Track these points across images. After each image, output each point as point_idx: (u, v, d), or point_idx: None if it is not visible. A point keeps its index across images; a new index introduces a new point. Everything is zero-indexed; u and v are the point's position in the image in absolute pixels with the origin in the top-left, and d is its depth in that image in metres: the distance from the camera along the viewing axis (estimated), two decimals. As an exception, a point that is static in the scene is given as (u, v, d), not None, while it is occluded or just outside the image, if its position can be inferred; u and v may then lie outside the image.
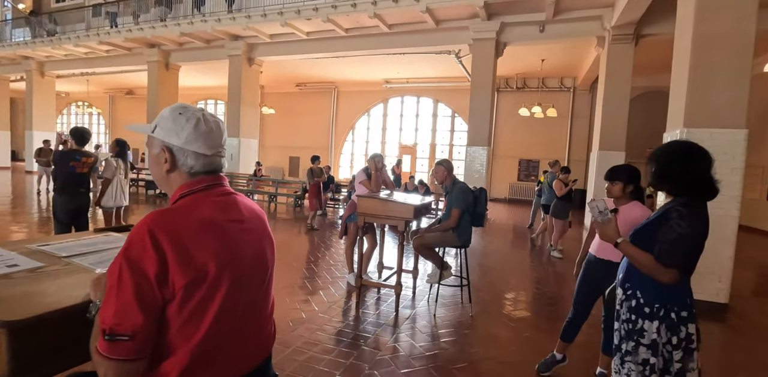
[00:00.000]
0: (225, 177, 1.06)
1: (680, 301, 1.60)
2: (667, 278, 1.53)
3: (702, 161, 1.59)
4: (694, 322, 1.60)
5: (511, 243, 7.69)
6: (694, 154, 1.61)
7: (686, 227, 1.51)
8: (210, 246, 0.87)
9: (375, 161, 4.19)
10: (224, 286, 0.88)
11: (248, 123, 12.75)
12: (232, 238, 0.93)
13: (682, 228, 1.52)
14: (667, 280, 1.53)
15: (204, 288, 0.85)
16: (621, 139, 8.49)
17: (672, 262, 1.53)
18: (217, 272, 0.87)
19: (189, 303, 0.84)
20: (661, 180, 1.65)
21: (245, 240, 0.97)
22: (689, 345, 1.60)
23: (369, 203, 3.67)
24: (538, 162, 14.64)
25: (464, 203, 3.59)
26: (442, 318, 3.67)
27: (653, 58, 9.73)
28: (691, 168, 1.59)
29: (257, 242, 1.02)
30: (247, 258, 0.96)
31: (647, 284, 1.63)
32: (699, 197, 1.60)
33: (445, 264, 3.76)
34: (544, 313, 3.96)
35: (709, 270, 4.08)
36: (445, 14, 9.47)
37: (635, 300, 1.66)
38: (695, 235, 1.53)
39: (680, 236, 1.51)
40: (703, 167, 1.58)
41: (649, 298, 1.63)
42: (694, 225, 1.53)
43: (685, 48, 4.19)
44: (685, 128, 4.12)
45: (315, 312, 3.64)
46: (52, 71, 16.74)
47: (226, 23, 11.12)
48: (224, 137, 1.05)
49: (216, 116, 1.06)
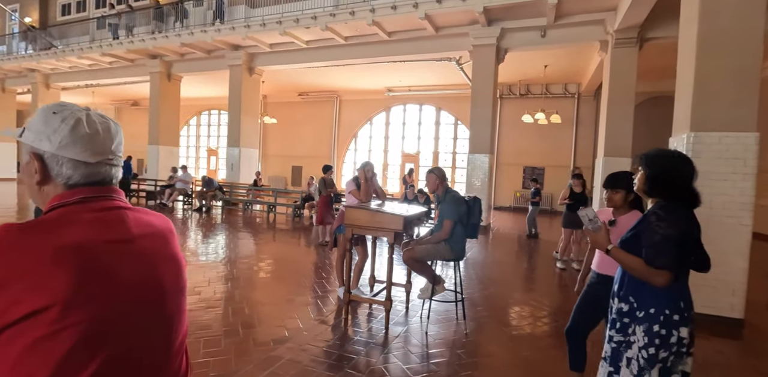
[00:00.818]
0: (118, 190, 0.88)
1: (673, 304, 1.56)
2: (661, 280, 1.52)
3: (693, 169, 1.63)
4: (687, 326, 1.55)
5: (514, 254, 7.43)
6: (688, 161, 1.64)
7: (666, 228, 1.53)
8: (58, 283, 0.69)
9: (365, 169, 4.01)
10: (78, 326, 0.70)
11: (249, 133, 12.69)
12: (104, 265, 0.75)
13: (662, 229, 1.53)
14: (662, 282, 1.52)
15: (43, 328, 0.67)
16: (627, 145, 8.25)
17: (661, 264, 1.52)
18: (63, 312, 0.68)
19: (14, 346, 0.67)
20: (657, 186, 1.65)
21: (128, 265, 0.79)
22: (681, 350, 1.55)
23: (356, 213, 3.48)
24: (543, 170, 14.38)
25: (457, 214, 3.39)
26: (435, 336, 3.44)
27: (658, 63, 9.52)
28: (689, 175, 1.62)
29: (148, 266, 0.83)
30: (127, 288, 0.78)
31: (641, 287, 1.62)
32: (686, 205, 1.61)
33: (437, 278, 3.54)
34: (544, 330, 3.71)
35: (721, 283, 3.82)
36: (444, 21, 9.37)
37: (628, 304, 1.66)
38: (677, 234, 1.53)
39: (663, 238, 1.53)
40: (693, 175, 1.62)
41: (642, 302, 1.61)
42: (673, 225, 1.54)
43: (689, 48, 3.99)
44: (692, 132, 3.90)
45: (299, 329, 3.43)
46: (58, 83, 16.92)
47: (225, 33, 11.13)
48: (116, 142, 0.88)
49: (107, 118, 0.88)
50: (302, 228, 9.19)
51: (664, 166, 1.63)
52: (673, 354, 1.54)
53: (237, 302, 4.05)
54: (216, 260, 5.76)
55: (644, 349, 1.57)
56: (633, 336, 1.64)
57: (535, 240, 8.49)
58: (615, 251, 1.65)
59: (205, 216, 10.40)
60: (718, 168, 3.83)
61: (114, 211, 0.83)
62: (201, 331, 3.30)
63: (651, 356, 1.55)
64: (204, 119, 21.63)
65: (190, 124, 21.86)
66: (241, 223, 9.60)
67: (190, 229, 8.53)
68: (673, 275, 1.52)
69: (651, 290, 1.59)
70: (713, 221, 3.81)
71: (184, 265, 0.95)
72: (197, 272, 5.05)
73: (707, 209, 3.83)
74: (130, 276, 0.79)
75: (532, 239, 8.54)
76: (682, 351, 1.55)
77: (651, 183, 1.65)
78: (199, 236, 7.74)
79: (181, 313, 0.92)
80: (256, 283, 4.76)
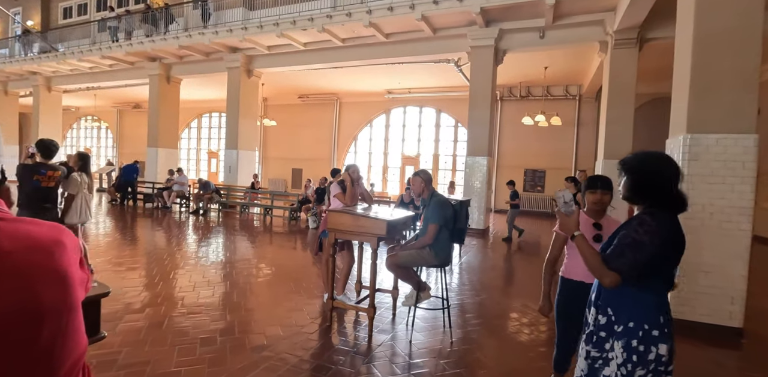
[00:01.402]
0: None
1: (653, 318, 1.46)
2: (608, 281, 1.45)
3: (678, 170, 1.53)
4: (667, 343, 1.44)
5: (511, 259, 7.29)
6: (672, 162, 1.55)
7: (642, 234, 1.43)
8: None
9: (350, 172, 3.90)
10: None
11: (247, 135, 12.63)
12: None
13: (637, 234, 1.44)
14: (608, 283, 1.45)
15: None
16: (627, 147, 8.09)
17: (615, 265, 1.45)
18: None
19: None
20: (641, 192, 1.55)
21: None
22: (659, 368, 1.44)
23: (339, 217, 3.37)
24: (544, 172, 14.23)
25: (442, 218, 3.27)
26: (419, 344, 3.31)
27: (658, 64, 9.35)
28: (674, 178, 1.52)
29: (20, 283, 0.73)
30: None
31: (620, 299, 1.53)
32: (672, 209, 1.51)
33: (422, 285, 3.42)
34: (535, 340, 3.57)
35: (720, 290, 3.67)
36: (441, 22, 9.28)
37: (606, 317, 1.56)
38: (650, 244, 1.42)
39: (633, 242, 1.44)
40: (678, 177, 1.53)
41: (621, 315, 1.51)
42: (652, 232, 1.43)
43: (686, 47, 3.87)
44: (689, 133, 3.77)
45: (279, 337, 3.32)
46: (59, 86, 16.99)
47: (223, 35, 11.10)
48: None
49: None
50: (298, 232, 9.09)
51: (646, 170, 1.53)
52: (651, 372, 1.43)
53: (220, 308, 3.95)
54: (205, 264, 5.67)
55: (623, 366, 1.46)
56: (611, 352, 1.52)
57: (523, 243, 8.35)
58: (580, 240, 1.56)
59: (201, 219, 10.33)
60: (715, 171, 3.69)
61: None
62: (177, 338, 3.20)
63: (628, 373, 1.44)
64: (205, 121, 21.65)
65: (191, 126, 21.88)
66: (236, 226, 9.52)
67: (184, 232, 8.46)
68: (621, 281, 1.44)
69: (630, 301, 1.50)
70: (710, 225, 3.67)
71: (77, 279, 0.84)
72: (183, 277, 4.96)
73: (704, 214, 3.70)
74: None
75: (520, 240, 8.48)
76: (660, 369, 1.43)
77: (635, 190, 1.55)
78: (191, 240, 7.66)
79: (68, 334, 0.81)
80: (243, 288, 4.66)
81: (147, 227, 8.98)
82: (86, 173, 4.68)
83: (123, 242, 6.99)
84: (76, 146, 25.62)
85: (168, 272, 5.18)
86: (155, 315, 3.67)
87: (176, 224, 9.44)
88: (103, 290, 1.33)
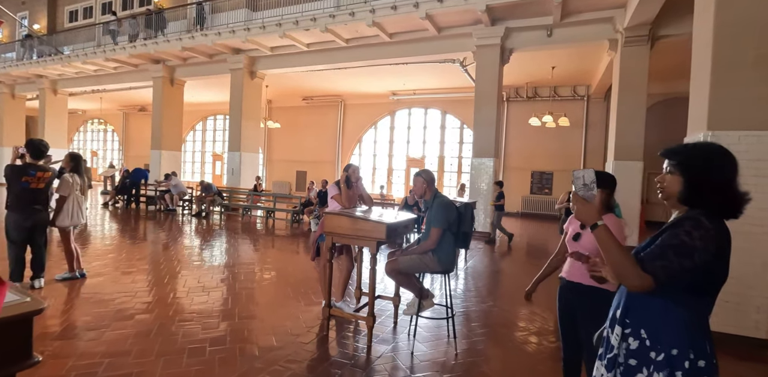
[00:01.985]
0: None
1: (699, 345, 1.19)
2: (638, 283, 1.18)
3: (737, 166, 1.25)
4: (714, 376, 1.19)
5: (519, 263, 7.05)
6: (732, 157, 1.26)
7: (697, 239, 1.16)
8: None
9: (349, 172, 3.71)
10: None
11: (250, 137, 12.51)
12: None
13: (690, 237, 1.16)
14: (635, 286, 1.19)
15: None
16: (638, 148, 7.84)
17: (652, 268, 1.17)
18: None
19: None
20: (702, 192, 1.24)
21: None
22: None
23: (336, 220, 3.18)
24: (551, 174, 13.95)
25: (446, 222, 3.07)
26: (421, 356, 3.10)
27: (671, 62, 9.12)
28: (734, 176, 1.24)
29: None
30: None
31: (658, 320, 1.23)
32: (726, 214, 1.24)
33: (425, 292, 3.21)
34: (546, 351, 3.34)
35: (745, 299, 3.42)
36: (446, 21, 9.10)
37: (639, 340, 1.26)
38: (703, 251, 1.16)
39: (682, 244, 1.17)
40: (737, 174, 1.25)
41: (660, 339, 1.22)
42: (708, 240, 1.16)
43: (705, 38, 3.64)
44: (709, 131, 3.54)
45: (272, 347, 3.13)
46: (65, 89, 17.03)
47: (225, 37, 11.01)
48: None
49: None
50: (301, 234, 8.91)
51: (707, 166, 1.24)
52: None
53: (213, 315, 3.77)
54: (201, 268, 5.50)
55: None
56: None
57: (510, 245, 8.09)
58: (603, 231, 1.27)
59: (203, 222, 10.19)
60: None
61: None
62: (165, 348, 3.01)
63: None
64: (210, 123, 21.63)
65: (195, 129, 21.88)
66: (237, 229, 9.36)
67: (183, 235, 8.31)
68: (652, 287, 1.18)
69: (672, 322, 1.21)
70: (734, 230, 3.40)
71: None
72: (178, 282, 4.79)
73: (727, 217, 3.45)
74: None
75: (508, 243, 8.34)
76: None
77: (692, 190, 1.25)
78: (190, 243, 7.50)
79: None
80: (239, 293, 4.48)
81: (147, 229, 8.85)
82: (79, 175, 4.54)
83: (121, 245, 6.85)
84: (83, 149, 25.75)
85: (162, 276, 5.01)
86: (144, 323, 3.49)
87: (177, 226, 9.30)
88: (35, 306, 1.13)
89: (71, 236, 4.55)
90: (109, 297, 4.14)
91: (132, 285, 4.60)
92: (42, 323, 3.39)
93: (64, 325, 3.40)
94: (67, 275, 4.58)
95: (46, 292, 4.22)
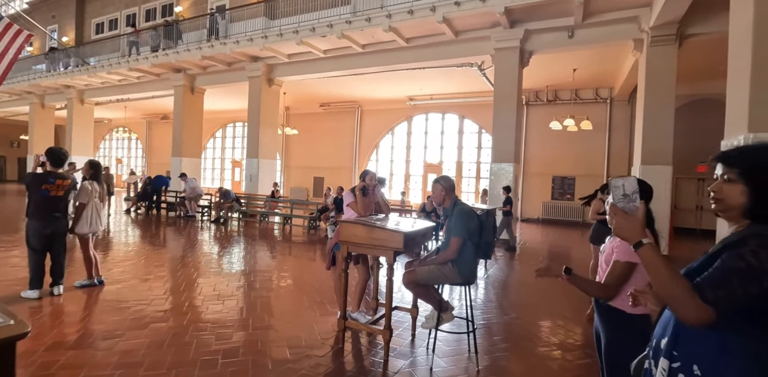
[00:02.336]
0: None
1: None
2: (695, 315, 0.98)
3: None
4: None
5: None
6: None
7: (765, 261, 0.97)
8: None
9: (366, 179, 3.60)
10: None
11: (268, 144, 12.59)
12: None
13: (757, 258, 0.97)
14: (693, 319, 0.99)
15: None
16: (667, 152, 7.51)
17: (714, 297, 0.97)
18: None
19: None
20: None
21: None
22: None
23: (352, 229, 3.08)
24: (573, 179, 13.58)
25: (466, 231, 2.92)
26: (441, 372, 2.94)
27: (700, 62, 8.73)
28: None
29: None
30: None
31: (712, 353, 1.05)
32: None
33: (444, 305, 3.06)
34: (570, 369, 3.13)
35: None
36: (463, 24, 8.97)
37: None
38: None
39: (748, 267, 0.98)
40: None
41: (715, 374, 1.03)
42: None
43: (744, 36, 3.41)
44: (750, 133, 3.29)
45: (285, 360, 3.02)
46: (91, 99, 17.56)
47: (244, 45, 11.15)
48: None
49: None
50: (318, 241, 8.85)
51: None
52: None
53: (227, 325, 3.69)
54: (217, 276, 5.46)
55: None
56: None
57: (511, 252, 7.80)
58: (648, 250, 1.08)
59: (221, 228, 10.25)
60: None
61: None
62: (177, 359, 2.94)
63: None
64: (229, 131, 21.96)
65: (215, 136, 22.24)
66: (255, 235, 9.36)
67: (201, 242, 8.34)
68: (711, 321, 0.98)
69: (730, 358, 1.03)
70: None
71: None
72: (193, 290, 4.75)
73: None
74: None
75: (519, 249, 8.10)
76: None
77: (762, 202, 1.07)
78: (207, 250, 7.51)
79: None
80: (254, 303, 4.40)
81: (167, 236, 8.94)
82: (98, 182, 4.57)
83: (140, 252, 6.90)
84: (108, 156, 26.49)
85: (179, 284, 4.99)
86: (158, 332, 3.44)
87: (195, 233, 9.36)
88: (19, 330, 1.04)
89: (90, 243, 4.57)
90: (125, 304, 4.12)
91: (148, 292, 4.58)
92: (60, 331, 3.39)
93: (79, 333, 3.37)
94: (85, 282, 4.60)
95: (65, 299, 4.23)
